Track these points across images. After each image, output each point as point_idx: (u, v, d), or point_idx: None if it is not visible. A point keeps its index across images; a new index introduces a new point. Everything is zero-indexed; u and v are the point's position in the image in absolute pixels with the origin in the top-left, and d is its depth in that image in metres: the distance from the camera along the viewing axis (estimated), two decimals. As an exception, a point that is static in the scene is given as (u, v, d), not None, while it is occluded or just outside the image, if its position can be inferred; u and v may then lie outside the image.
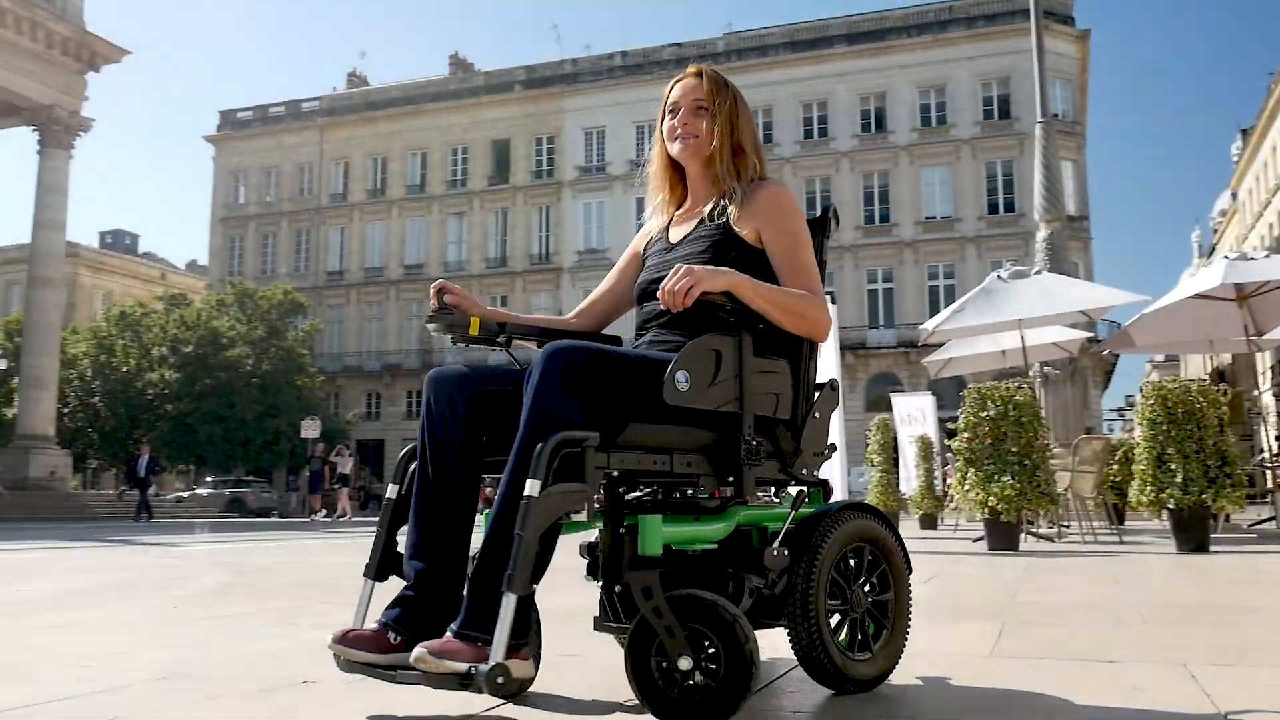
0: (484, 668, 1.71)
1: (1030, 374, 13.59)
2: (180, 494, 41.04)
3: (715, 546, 2.09)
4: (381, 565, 2.11)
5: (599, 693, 2.18)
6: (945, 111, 42.63)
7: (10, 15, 25.72)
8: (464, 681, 1.74)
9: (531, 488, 1.75)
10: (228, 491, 36.36)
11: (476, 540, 2.03)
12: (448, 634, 1.82)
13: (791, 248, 2.18)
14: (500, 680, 1.71)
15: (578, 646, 2.73)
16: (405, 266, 48.27)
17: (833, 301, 8.95)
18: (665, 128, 2.34)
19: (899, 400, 16.23)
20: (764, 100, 43.89)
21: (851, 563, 2.10)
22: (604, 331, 2.50)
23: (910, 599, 2.17)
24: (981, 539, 8.05)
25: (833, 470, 8.72)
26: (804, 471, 2.13)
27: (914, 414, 15.41)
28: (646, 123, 45.14)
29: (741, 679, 1.77)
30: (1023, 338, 10.92)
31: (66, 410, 38.57)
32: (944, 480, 13.52)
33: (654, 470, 1.95)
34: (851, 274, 41.94)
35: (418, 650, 1.77)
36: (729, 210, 2.23)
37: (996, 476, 7.65)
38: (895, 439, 13.65)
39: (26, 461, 26.30)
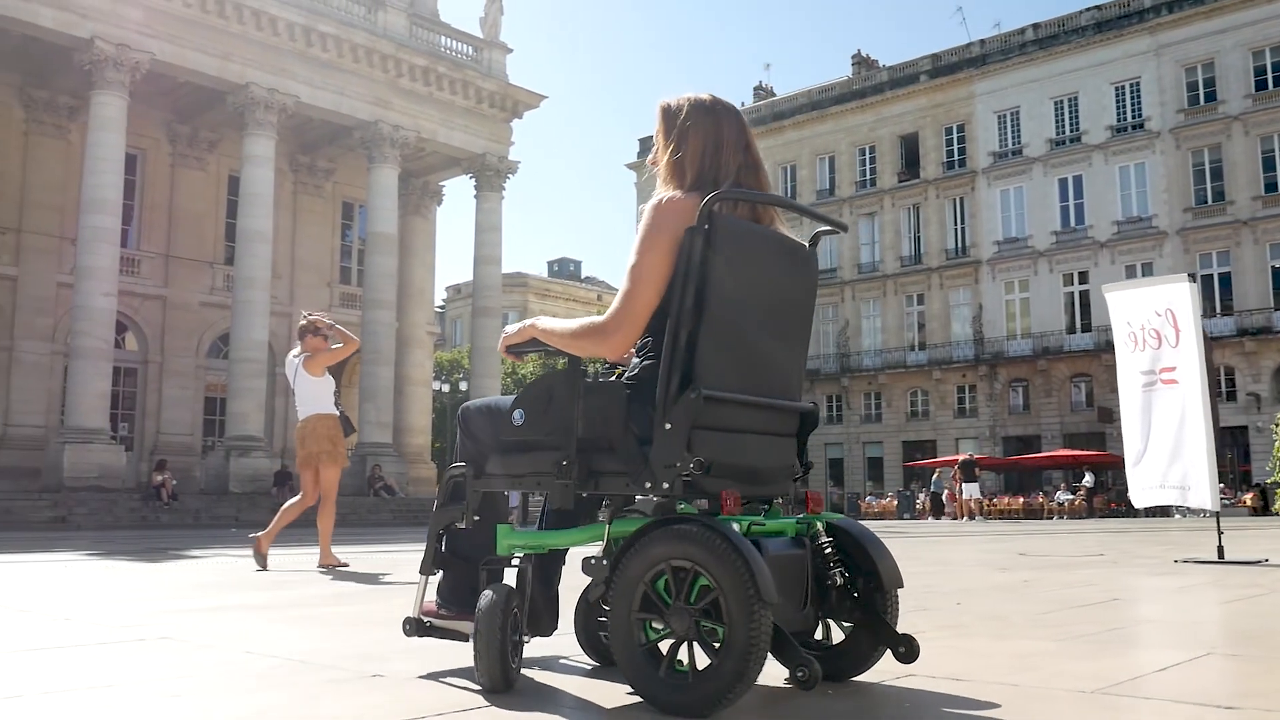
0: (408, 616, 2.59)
1: None
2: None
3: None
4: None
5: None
6: None
7: (447, 79, 29.51)
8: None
9: (435, 506, 2.58)
10: (656, 498, 38.65)
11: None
12: None
13: (629, 263, 2.23)
14: (407, 628, 2.58)
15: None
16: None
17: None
18: None
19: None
20: (1204, 54, 38.96)
21: (672, 583, 1.97)
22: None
23: (756, 632, 1.87)
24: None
25: (1200, 479, 7.54)
26: (648, 485, 2.08)
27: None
28: (1064, 97, 41.97)
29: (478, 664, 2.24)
30: None
31: (519, 425, 43.15)
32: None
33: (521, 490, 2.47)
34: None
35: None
36: None
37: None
38: None
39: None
